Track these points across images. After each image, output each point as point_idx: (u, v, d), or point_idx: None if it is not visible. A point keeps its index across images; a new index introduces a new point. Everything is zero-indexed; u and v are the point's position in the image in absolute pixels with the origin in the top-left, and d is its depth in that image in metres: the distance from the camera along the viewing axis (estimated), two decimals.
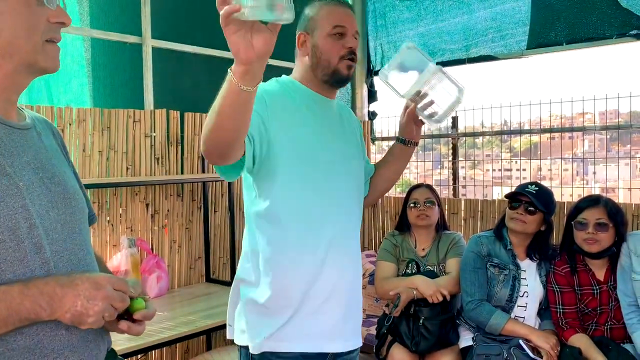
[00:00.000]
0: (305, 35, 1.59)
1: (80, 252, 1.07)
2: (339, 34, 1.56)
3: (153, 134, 2.92)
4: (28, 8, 0.98)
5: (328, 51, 1.56)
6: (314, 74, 1.59)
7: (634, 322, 2.35)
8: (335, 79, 1.59)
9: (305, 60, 1.60)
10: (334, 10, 1.59)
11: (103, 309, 0.95)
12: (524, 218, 2.56)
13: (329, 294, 1.53)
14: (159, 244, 2.99)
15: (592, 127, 3.40)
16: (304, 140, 1.52)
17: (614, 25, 3.14)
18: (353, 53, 1.58)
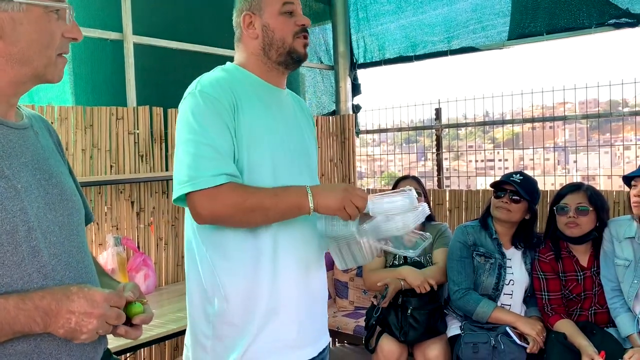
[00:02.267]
0: (252, 16, 1.50)
1: (78, 254, 1.07)
2: (289, 12, 1.49)
3: (136, 131, 2.90)
4: (48, 23, 1.00)
5: (281, 30, 1.48)
6: (267, 57, 1.50)
7: (617, 306, 2.40)
8: (292, 58, 1.51)
9: (254, 43, 1.51)
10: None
11: (97, 326, 0.94)
12: (509, 207, 2.59)
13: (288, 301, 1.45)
14: (146, 242, 2.97)
15: (573, 116, 3.45)
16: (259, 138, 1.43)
17: (593, 14, 3.18)
18: (306, 30, 1.52)
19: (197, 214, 1.34)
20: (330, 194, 1.36)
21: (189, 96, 1.42)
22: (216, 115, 1.37)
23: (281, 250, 1.44)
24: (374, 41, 4.22)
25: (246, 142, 1.40)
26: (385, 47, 4.15)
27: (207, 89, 1.40)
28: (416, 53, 3.97)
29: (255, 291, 1.42)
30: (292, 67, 1.55)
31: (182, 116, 1.40)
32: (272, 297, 1.43)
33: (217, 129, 1.36)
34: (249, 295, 1.42)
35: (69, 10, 1.03)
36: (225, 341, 1.42)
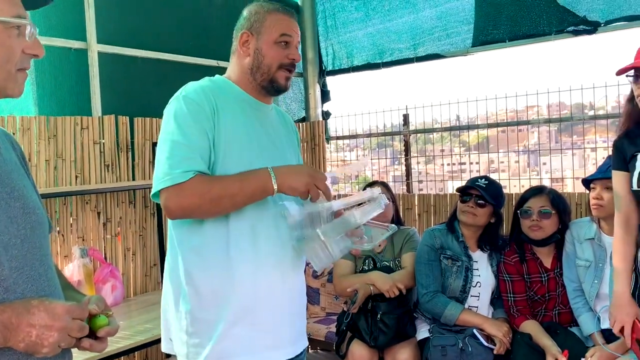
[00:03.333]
0: (249, 36, 1.55)
1: (40, 268, 1.05)
2: (284, 42, 1.54)
3: (102, 140, 2.86)
4: (8, 39, 0.99)
5: (271, 58, 1.54)
6: (253, 77, 1.56)
7: (579, 306, 2.46)
8: (273, 87, 1.57)
9: (245, 61, 1.57)
10: (283, 19, 1.56)
11: (58, 340, 0.93)
12: (475, 211, 2.64)
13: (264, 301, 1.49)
14: (113, 253, 2.93)
15: (536, 120, 3.54)
16: (236, 147, 1.48)
17: (553, 22, 3.27)
18: (293, 65, 1.57)
19: (166, 208, 1.41)
20: (295, 177, 1.43)
21: (173, 101, 1.49)
22: (196, 119, 1.44)
23: (261, 251, 1.48)
24: (342, 48, 4.25)
25: (223, 149, 1.46)
26: (354, 54, 4.20)
27: (191, 94, 1.47)
28: (383, 60, 4.02)
29: (229, 289, 1.46)
30: (272, 94, 1.62)
31: (165, 119, 1.48)
32: (248, 296, 1.47)
33: (195, 132, 1.43)
34: (222, 293, 1.45)
35: (30, 26, 1.03)
36: (199, 336, 1.46)
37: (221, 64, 3.43)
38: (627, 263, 2.02)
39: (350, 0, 4.11)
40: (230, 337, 1.46)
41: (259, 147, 1.53)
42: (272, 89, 1.58)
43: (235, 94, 1.56)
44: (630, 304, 1.98)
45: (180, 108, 1.44)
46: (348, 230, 1.46)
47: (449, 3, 3.62)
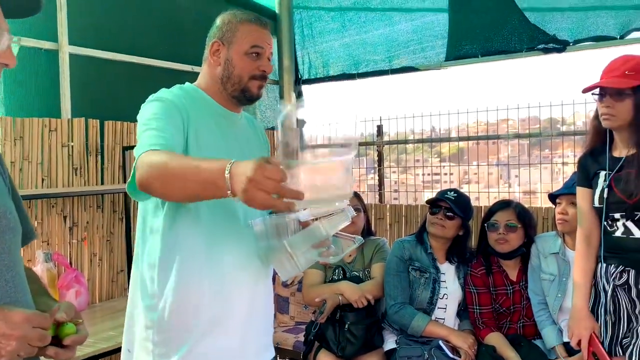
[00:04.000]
0: (220, 45, 1.53)
1: (8, 274, 1.03)
2: (255, 53, 1.52)
3: (71, 143, 2.82)
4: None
5: (241, 69, 1.51)
6: (224, 87, 1.54)
7: (543, 319, 2.50)
8: (245, 97, 1.55)
9: (215, 71, 1.54)
10: (255, 30, 1.53)
11: (17, 348, 0.91)
12: (443, 223, 2.67)
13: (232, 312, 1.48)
14: (78, 258, 2.88)
15: (506, 135, 3.61)
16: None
17: (524, 39, 3.35)
18: (265, 77, 1.55)
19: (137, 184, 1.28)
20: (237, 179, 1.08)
21: (146, 103, 1.47)
22: (170, 114, 1.41)
23: (229, 263, 1.47)
24: (318, 58, 4.28)
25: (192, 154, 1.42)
26: (330, 64, 4.22)
27: (165, 95, 1.46)
28: (359, 71, 4.06)
29: (198, 301, 1.44)
30: (244, 104, 1.59)
31: (140, 118, 1.43)
32: (217, 307, 1.46)
33: (170, 122, 1.38)
34: (192, 305, 1.44)
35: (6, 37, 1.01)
36: (166, 345, 1.44)
37: (196, 69, 3.40)
38: (586, 278, 2.06)
39: (327, 11, 4.14)
40: (199, 349, 1.44)
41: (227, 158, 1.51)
42: (244, 98, 1.56)
43: (206, 104, 1.54)
44: (588, 318, 2.02)
45: (154, 106, 1.42)
46: (315, 242, 1.44)
47: (424, 17, 3.68)
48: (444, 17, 3.60)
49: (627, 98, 1.90)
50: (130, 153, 3.03)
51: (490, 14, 3.42)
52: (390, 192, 4.23)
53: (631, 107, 1.90)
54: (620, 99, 1.91)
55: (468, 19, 3.51)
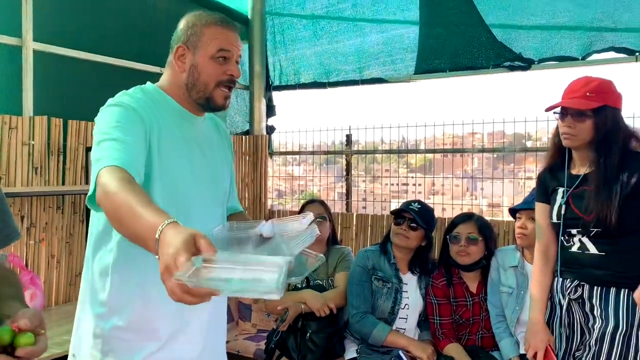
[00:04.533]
0: (185, 49, 1.45)
1: None
2: (222, 57, 1.45)
3: (31, 142, 2.75)
4: None
5: (208, 75, 1.44)
6: (188, 93, 1.47)
7: (501, 331, 2.55)
8: (209, 106, 1.49)
9: (180, 76, 1.47)
10: (222, 32, 1.46)
11: None
12: (407, 234, 2.70)
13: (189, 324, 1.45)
14: (35, 260, 2.80)
15: (471, 150, 3.67)
16: (170, 164, 1.41)
17: (491, 56, 3.43)
18: (233, 82, 1.48)
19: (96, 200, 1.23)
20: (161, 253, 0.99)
21: (105, 108, 1.39)
22: (132, 122, 1.34)
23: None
24: (289, 65, 4.28)
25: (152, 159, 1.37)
26: (301, 71, 4.23)
27: (124, 101, 1.38)
28: (330, 80, 4.08)
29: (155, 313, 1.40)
30: (209, 111, 1.54)
31: (98, 122, 1.36)
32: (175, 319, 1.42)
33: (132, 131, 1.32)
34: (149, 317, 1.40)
35: None
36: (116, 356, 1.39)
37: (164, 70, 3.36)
38: (543, 291, 2.11)
39: (299, 18, 4.16)
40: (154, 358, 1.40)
41: (188, 164, 1.46)
42: (208, 107, 1.50)
43: (168, 106, 1.47)
44: (544, 330, 2.07)
45: (114, 111, 1.34)
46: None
47: (395, 30, 3.74)
48: (414, 31, 3.65)
49: (588, 119, 1.96)
50: None
51: (459, 29, 3.49)
52: (357, 201, 4.26)
53: (591, 127, 1.96)
54: (581, 119, 1.97)
55: (437, 34, 3.57)
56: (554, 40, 3.27)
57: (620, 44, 3.11)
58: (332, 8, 3.99)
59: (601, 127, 1.95)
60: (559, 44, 3.26)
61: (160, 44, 3.71)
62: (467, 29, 3.46)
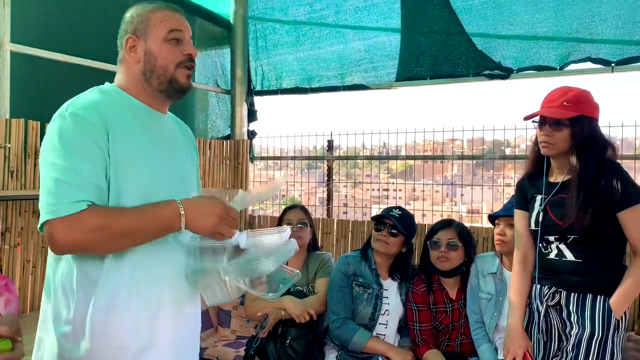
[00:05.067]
0: (135, 40, 1.43)
1: None
2: (175, 39, 1.43)
3: (7, 144, 2.69)
4: None
5: (164, 58, 1.42)
6: (148, 83, 1.43)
7: (479, 337, 2.57)
8: (174, 88, 1.44)
9: (135, 68, 1.44)
10: (169, 14, 1.45)
11: None
12: (387, 240, 2.71)
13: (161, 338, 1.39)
14: (10, 264, 2.74)
15: (450, 156, 3.71)
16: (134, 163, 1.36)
17: (471, 65, 3.48)
18: (192, 60, 1.45)
19: (54, 243, 1.26)
20: (204, 217, 1.34)
21: (57, 118, 1.34)
22: (85, 137, 1.29)
23: (157, 287, 1.38)
24: (271, 70, 4.28)
25: (119, 167, 1.33)
26: (283, 77, 4.24)
27: (79, 110, 1.32)
28: (311, 85, 4.09)
29: (125, 329, 1.34)
30: (174, 96, 1.48)
31: (48, 138, 1.32)
32: (146, 333, 1.37)
33: (84, 153, 1.28)
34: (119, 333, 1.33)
35: None
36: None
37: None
38: (522, 297, 2.14)
39: (282, 24, 4.16)
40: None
41: (158, 163, 1.42)
42: (172, 90, 1.45)
43: (129, 105, 1.42)
44: (522, 336, 2.09)
45: (66, 127, 1.29)
46: (256, 276, 1.38)
47: (376, 38, 3.77)
48: (395, 38, 3.69)
49: (565, 128, 2.00)
50: None
51: (440, 38, 3.53)
52: (338, 207, 4.26)
53: (568, 136, 2.00)
54: (559, 128, 2.00)
55: (419, 42, 3.61)
56: (533, 50, 3.33)
57: (597, 54, 3.17)
58: (314, 14, 4.00)
59: (578, 136, 1.98)
60: (537, 53, 3.32)
61: None
62: (448, 37, 3.50)
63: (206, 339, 3.28)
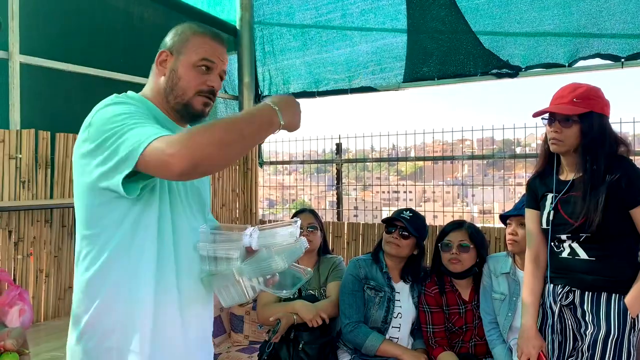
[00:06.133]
0: (167, 55, 1.43)
1: None
2: (205, 67, 1.41)
3: (19, 155, 2.72)
4: None
5: (187, 81, 1.40)
6: (166, 99, 1.43)
7: (494, 338, 2.54)
8: (187, 112, 1.43)
9: (160, 81, 1.44)
10: (209, 44, 1.43)
11: None
12: (399, 242, 2.69)
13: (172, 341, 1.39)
14: (23, 274, 2.77)
15: (460, 157, 3.69)
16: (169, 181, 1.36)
17: (479, 64, 3.46)
18: (213, 93, 1.43)
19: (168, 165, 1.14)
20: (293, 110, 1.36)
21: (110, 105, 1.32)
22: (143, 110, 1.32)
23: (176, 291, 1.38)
24: (279, 75, 4.29)
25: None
26: (290, 81, 4.24)
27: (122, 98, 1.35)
28: (319, 89, 4.10)
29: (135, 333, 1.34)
30: (187, 119, 1.46)
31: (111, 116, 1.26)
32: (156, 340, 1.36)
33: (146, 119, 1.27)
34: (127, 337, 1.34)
35: None
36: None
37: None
38: (535, 297, 2.11)
39: (288, 29, 4.17)
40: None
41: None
42: (186, 114, 1.44)
43: (153, 113, 1.41)
44: (536, 336, 2.07)
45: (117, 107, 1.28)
46: (269, 274, 1.40)
47: (383, 40, 3.76)
48: (402, 39, 3.68)
49: (574, 124, 1.98)
50: None
51: (447, 38, 3.52)
52: (348, 210, 4.26)
53: (578, 133, 1.98)
54: (568, 125, 1.98)
55: (425, 43, 3.60)
56: (541, 48, 3.31)
57: (606, 50, 3.14)
58: (321, 18, 4.01)
59: (587, 133, 1.96)
60: (545, 51, 3.29)
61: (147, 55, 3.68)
62: (455, 37, 3.49)
63: (219, 344, 3.28)
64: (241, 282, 1.38)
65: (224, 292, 1.42)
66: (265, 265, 1.36)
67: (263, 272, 1.38)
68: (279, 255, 1.35)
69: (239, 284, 1.38)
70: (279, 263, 1.35)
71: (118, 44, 3.41)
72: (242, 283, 1.38)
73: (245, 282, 1.37)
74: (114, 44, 3.38)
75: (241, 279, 1.37)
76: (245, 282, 1.38)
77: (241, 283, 1.38)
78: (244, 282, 1.38)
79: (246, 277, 1.36)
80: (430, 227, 3.25)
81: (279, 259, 1.35)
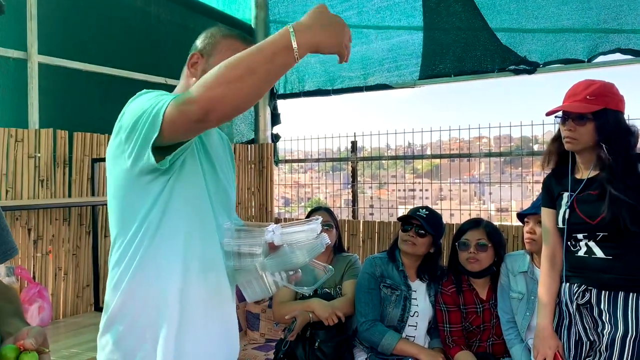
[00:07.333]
0: (198, 57, 1.46)
1: None
2: None
3: (37, 154, 2.75)
4: None
5: None
6: None
7: (512, 337, 2.52)
8: None
9: (191, 82, 1.45)
10: (238, 45, 1.42)
11: None
12: (415, 240, 2.68)
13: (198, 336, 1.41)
14: (42, 272, 2.80)
15: (478, 154, 3.65)
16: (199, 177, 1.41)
17: (496, 60, 3.42)
18: None
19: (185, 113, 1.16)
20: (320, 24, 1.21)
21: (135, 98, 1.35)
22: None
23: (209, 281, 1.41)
24: (294, 73, 4.29)
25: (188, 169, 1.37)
26: (305, 79, 4.24)
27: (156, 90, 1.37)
28: (334, 87, 4.08)
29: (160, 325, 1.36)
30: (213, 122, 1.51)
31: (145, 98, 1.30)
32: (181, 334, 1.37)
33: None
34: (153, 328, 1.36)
35: None
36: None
37: (169, 81, 3.39)
38: (551, 296, 2.08)
39: None
40: None
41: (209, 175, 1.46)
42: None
43: None
44: (552, 336, 2.04)
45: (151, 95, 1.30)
46: (290, 268, 1.42)
47: (399, 37, 3.73)
48: (418, 36, 3.65)
49: (589, 122, 1.94)
50: (100, 165, 2.99)
51: (463, 34, 3.48)
52: (364, 208, 4.24)
53: (592, 131, 1.95)
54: (582, 123, 1.95)
55: (441, 39, 3.57)
56: (559, 43, 3.26)
57: (626, 45, 3.08)
58: None
59: (602, 130, 1.93)
60: (564, 46, 3.25)
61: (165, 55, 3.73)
62: (472, 33, 3.45)
63: None
64: (264, 277, 1.40)
65: (247, 287, 1.45)
66: (287, 259, 1.38)
67: (285, 267, 1.40)
68: (300, 250, 1.37)
69: (262, 279, 1.40)
70: (299, 257, 1.37)
71: (135, 43, 3.43)
72: (265, 278, 1.40)
73: (268, 277, 1.40)
74: (131, 44, 3.40)
75: (264, 274, 1.39)
76: (268, 278, 1.40)
77: (264, 278, 1.41)
78: (267, 277, 1.40)
79: (269, 272, 1.37)
80: (447, 226, 3.22)
81: (300, 253, 1.37)
